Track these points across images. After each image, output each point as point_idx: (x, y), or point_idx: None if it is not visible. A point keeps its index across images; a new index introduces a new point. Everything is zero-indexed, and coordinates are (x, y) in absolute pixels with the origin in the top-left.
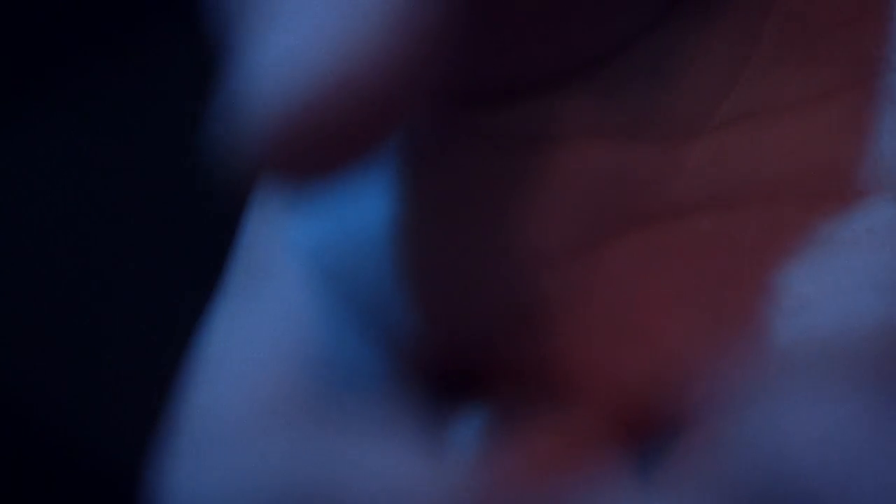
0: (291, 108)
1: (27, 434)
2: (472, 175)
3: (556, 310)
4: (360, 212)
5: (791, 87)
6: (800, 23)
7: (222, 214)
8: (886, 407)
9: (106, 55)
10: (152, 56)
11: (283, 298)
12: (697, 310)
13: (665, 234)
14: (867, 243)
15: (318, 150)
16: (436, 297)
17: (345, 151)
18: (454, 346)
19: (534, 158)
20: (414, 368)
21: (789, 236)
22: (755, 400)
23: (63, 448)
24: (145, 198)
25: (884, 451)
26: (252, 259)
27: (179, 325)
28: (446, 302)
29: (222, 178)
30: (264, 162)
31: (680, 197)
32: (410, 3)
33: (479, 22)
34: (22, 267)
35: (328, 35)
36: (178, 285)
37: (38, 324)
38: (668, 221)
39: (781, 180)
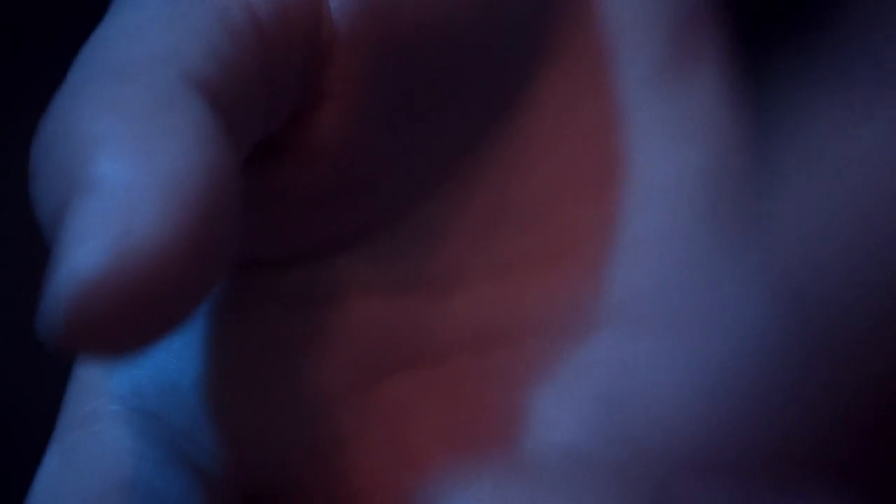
0: (96, 290)
1: None
2: (268, 330)
3: (339, 442)
4: (176, 359)
5: (538, 244)
6: (545, 192)
7: None
8: None
9: None
10: None
11: (108, 439)
12: (457, 435)
13: (431, 372)
14: (601, 368)
15: (127, 325)
16: (240, 434)
17: (153, 325)
18: (257, 476)
19: (319, 314)
20: (223, 495)
21: (538, 367)
22: None
23: None
24: None
25: None
26: (80, 399)
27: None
28: (249, 438)
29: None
30: (75, 338)
31: (445, 341)
32: (206, 193)
33: (259, 203)
34: None
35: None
36: None
37: None
38: (434, 362)
39: (531, 320)
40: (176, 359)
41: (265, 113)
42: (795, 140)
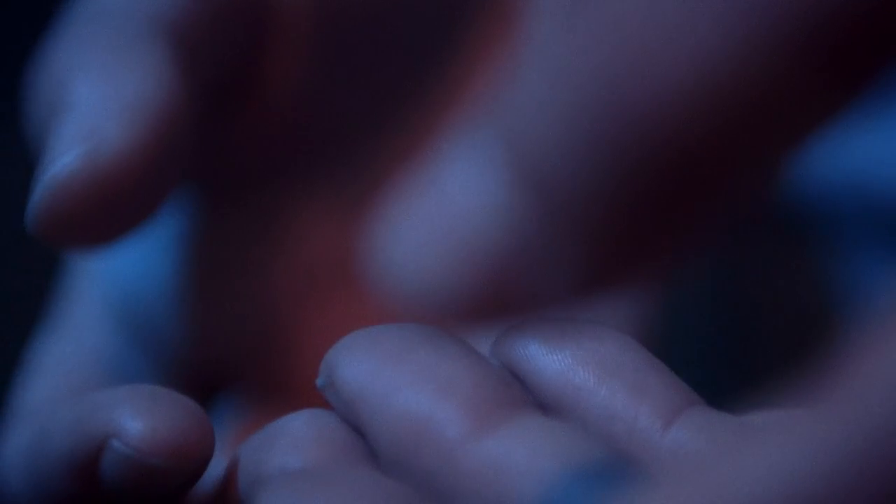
0: (71, 190)
1: None
2: (233, 238)
3: (287, 336)
4: (150, 258)
5: None
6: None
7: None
8: None
9: None
10: None
11: (86, 322)
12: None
13: (353, 296)
14: None
15: (97, 221)
16: (202, 324)
17: (120, 221)
18: (213, 358)
19: (278, 228)
20: (179, 376)
21: None
22: None
23: None
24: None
25: None
26: (67, 290)
27: (19, 337)
28: (209, 328)
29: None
30: (54, 232)
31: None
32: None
33: (229, 133)
34: None
35: (101, 132)
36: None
37: None
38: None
39: None
40: (150, 258)
41: (223, 52)
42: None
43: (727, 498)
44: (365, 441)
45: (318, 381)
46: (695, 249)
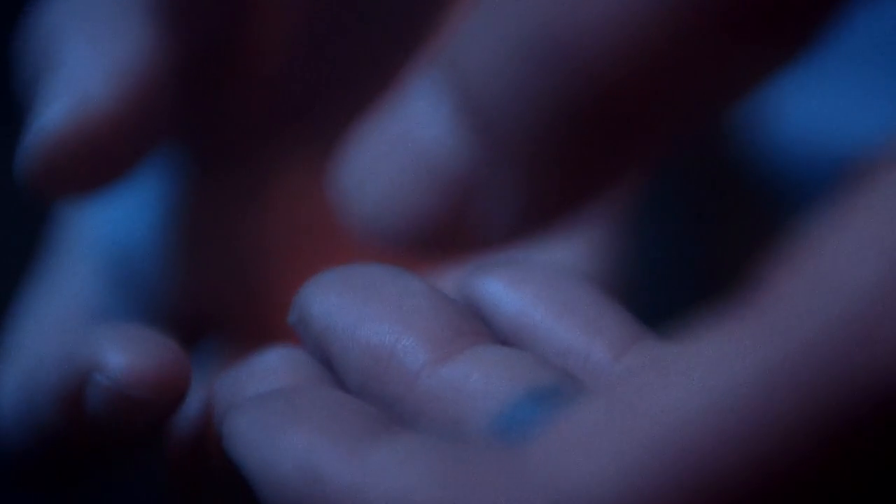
0: (59, 141)
1: None
2: (224, 192)
3: (268, 286)
4: (136, 211)
5: None
6: None
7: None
8: None
9: None
10: None
11: (76, 271)
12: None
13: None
14: None
15: (83, 170)
16: (187, 275)
17: (104, 171)
18: (197, 308)
19: (266, 187)
20: (163, 323)
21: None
22: None
23: None
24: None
25: None
26: (58, 242)
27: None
28: (194, 280)
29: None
30: (43, 181)
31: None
32: (144, 67)
33: (221, 96)
34: None
35: (87, 87)
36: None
37: None
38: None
39: None
40: (138, 213)
41: (208, 20)
42: None
43: (657, 409)
44: (333, 374)
45: (290, 318)
46: (636, 180)
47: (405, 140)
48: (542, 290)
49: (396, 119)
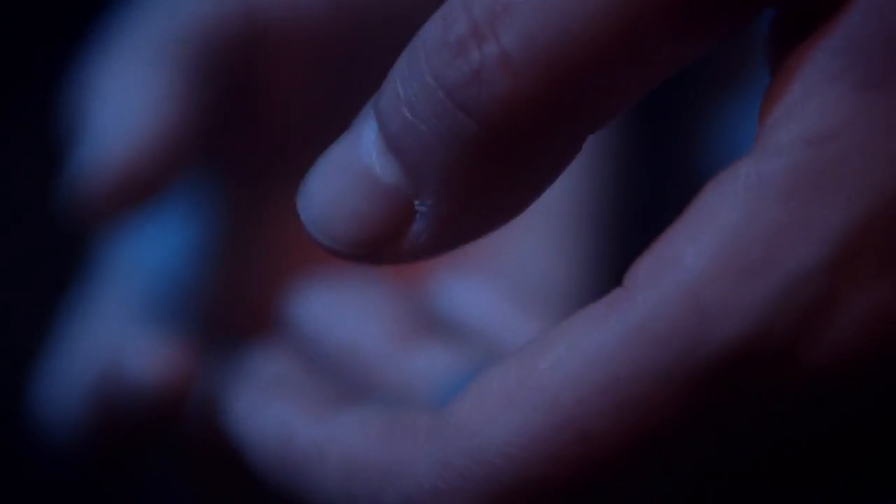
0: (104, 176)
1: None
2: (235, 213)
3: (261, 292)
4: (168, 239)
5: None
6: None
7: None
8: None
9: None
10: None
11: (113, 295)
12: None
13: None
14: None
15: (121, 196)
16: (213, 284)
17: (138, 198)
18: (217, 311)
19: (278, 206)
20: (191, 326)
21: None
22: None
23: None
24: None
25: None
26: (98, 266)
27: (55, 304)
28: (218, 288)
29: (73, 220)
30: (91, 209)
31: None
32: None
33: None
34: None
35: (126, 126)
36: (55, 280)
37: None
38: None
39: None
40: (169, 242)
41: (230, 71)
42: None
43: (545, 366)
44: (312, 362)
45: (278, 317)
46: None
47: (349, 161)
48: (492, 292)
49: (344, 143)
